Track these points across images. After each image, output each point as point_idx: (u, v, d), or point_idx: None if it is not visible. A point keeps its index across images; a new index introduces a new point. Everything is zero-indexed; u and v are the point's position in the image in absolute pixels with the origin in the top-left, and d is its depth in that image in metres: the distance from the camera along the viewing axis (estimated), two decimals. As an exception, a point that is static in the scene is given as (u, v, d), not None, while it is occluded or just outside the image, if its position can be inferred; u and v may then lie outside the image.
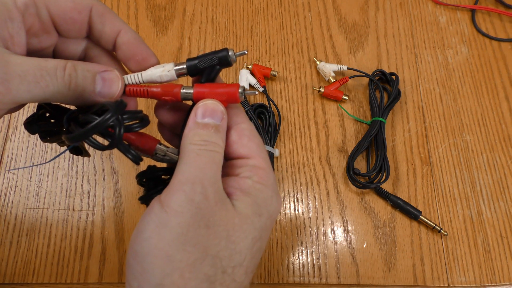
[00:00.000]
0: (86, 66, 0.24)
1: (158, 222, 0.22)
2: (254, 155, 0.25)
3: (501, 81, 0.55)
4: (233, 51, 0.25)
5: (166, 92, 0.26)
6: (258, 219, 0.24)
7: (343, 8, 0.59)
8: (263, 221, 0.24)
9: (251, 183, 0.24)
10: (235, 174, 0.25)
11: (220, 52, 0.25)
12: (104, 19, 0.26)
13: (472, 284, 0.45)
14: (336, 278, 0.45)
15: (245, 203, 0.24)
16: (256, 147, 0.26)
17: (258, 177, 0.25)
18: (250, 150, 0.25)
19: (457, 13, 0.59)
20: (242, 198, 0.24)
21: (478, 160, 0.50)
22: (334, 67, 0.53)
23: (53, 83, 0.22)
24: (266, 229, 0.24)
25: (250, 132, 0.26)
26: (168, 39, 0.55)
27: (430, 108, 0.53)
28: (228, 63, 0.26)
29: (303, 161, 0.50)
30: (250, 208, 0.24)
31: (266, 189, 0.25)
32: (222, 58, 0.25)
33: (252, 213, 0.24)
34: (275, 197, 0.25)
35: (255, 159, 0.25)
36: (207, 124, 0.24)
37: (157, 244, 0.21)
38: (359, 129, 0.52)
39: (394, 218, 0.47)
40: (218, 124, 0.24)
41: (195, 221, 0.21)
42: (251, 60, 0.55)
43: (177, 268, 0.21)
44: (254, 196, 0.24)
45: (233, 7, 0.58)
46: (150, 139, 0.27)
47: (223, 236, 0.22)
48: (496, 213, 0.48)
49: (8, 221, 0.46)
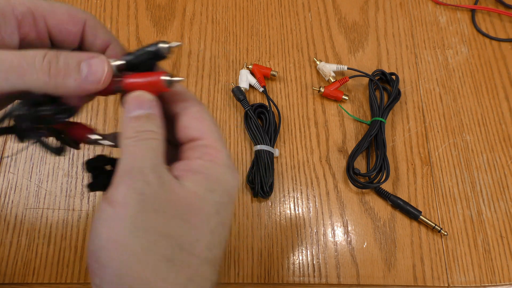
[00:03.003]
0: (70, 54, 0.24)
1: (107, 217, 0.22)
2: (204, 135, 0.26)
3: (501, 81, 0.55)
4: (167, 43, 0.25)
5: None
6: (211, 195, 0.24)
7: (343, 8, 0.59)
8: (217, 196, 0.24)
9: (201, 162, 0.25)
10: (187, 157, 0.25)
11: (152, 46, 0.25)
12: (96, 32, 0.27)
13: (472, 284, 0.45)
14: (336, 278, 0.45)
15: (195, 182, 0.24)
16: (206, 128, 0.26)
17: (208, 156, 0.25)
18: (200, 131, 0.26)
19: (457, 13, 0.59)
20: (191, 177, 0.24)
21: (478, 160, 0.50)
22: (334, 67, 0.53)
23: (31, 71, 0.23)
24: (223, 204, 0.25)
25: (199, 114, 0.26)
26: (168, 39, 0.55)
27: (430, 108, 0.53)
28: (162, 56, 0.25)
29: (303, 161, 0.50)
30: (201, 186, 0.24)
31: (216, 166, 0.25)
32: (155, 51, 0.25)
33: (204, 190, 0.24)
34: (229, 173, 0.25)
35: (205, 139, 0.26)
36: (138, 116, 0.24)
37: (109, 238, 0.22)
38: (359, 129, 0.52)
39: (394, 218, 0.47)
40: (148, 112, 0.25)
41: (142, 208, 0.22)
42: (251, 60, 0.55)
43: (132, 255, 0.22)
44: (204, 174, 0.24)
45: (233, 7, 0.58)
46: (80, 129, 0.27)
47: (175, 215, 0.23)
48: (496, 213, 0.48)
49: (8, 221, 0.46)
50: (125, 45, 0.55)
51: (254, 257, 0.45)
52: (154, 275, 0.22)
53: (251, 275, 0.44)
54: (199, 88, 0.53)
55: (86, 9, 0.57)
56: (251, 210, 0.47)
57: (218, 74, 0.54)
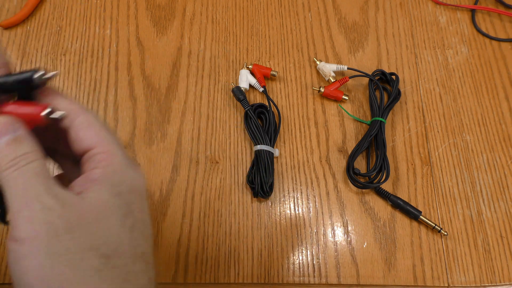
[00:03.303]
0: None
1: (21, 256, 0.21)
2: (96, 144, 0.25)
3: (501, 81, 0.55)
4: (41, 73, 0.24)
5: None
6: (118, 198, 0.24)
7: (343, 8, 0.59)
8: (125, 196, 0.24)
9: (98, 170, 0.24)
10: (85, 170, 0.25)
11: (25, 73, 0.24)
12: None
13: (472, 284, 0.45)
14: (336, 278, 0.45)
15: (97, 191, 0.24)
16: (95, 135, 0.25)
17: (104, 162, 0.24)
18: (90, 140, 0.25)
19: (457, 13, 0.59)
20: (92, 188, 0.24)
21: (478, 160, 0.50)
22: (334, 67, 0.53)
23: None
24: (133, 203, 0.25)
25: (87, 124, 0.25)
26: (168, 39, 0.55)
27: (430, 108, 0.53)
28: (36, 85, 0.24)
29: (303, 161, 0.50)
30: (105, 192, 0.24)
31: (115, 170, 0.25)
32: (25, 79, 0.24)
33: (109, 196, 0.24)
34: (129, 170, 0.25)
35: (98, 147, 0.25)
36: (6, 142, 0.23)
37: (32, 277, 0.21)
38: (359, 129, 0.52)
39: (394, 218, 0.47)
40: (16, 135, 0.23)
41: (52, 235, 0.21)
42: (251, 60, 0.55)
43: (62, 281, 0.21)
44: (105, 180, 0.24)
45: (233, 7, 0.58)
46: None
47: (88, 228, 0.22)
48: (496, 213, 0.48)
49: (8, 221, 0.46)
50: (125, 45, 0.55)
51: (254, 257, 0.45)
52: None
53: (251, 275, 0.44)
54: (199, 88, 0.53)
55: (86, 9, 0.57)
56: (251, 210, 0.47)
57: (218, 74, 0.54)
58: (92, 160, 0.25)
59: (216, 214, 0.47)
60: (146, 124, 0.51)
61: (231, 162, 0.49)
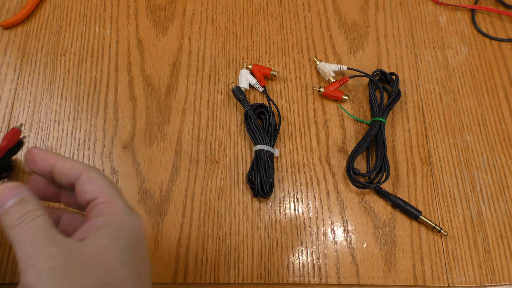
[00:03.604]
0: None
1: None
2: (99, 194, 0.28)
3: (501, 81, 0.55)
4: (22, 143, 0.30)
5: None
6: (117, 242, 0.26)
7: (343, 8, 0.59)
8: (125, 240, 0.27)
9: (100, 218, 0.27)
10: (88, 218, 0.28)
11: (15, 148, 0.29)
12: None
13: (472, 284, 0.45)
14: (336, 278, 0.45)
15: (98, 237, 0.26)
16: (98, 187, 0.28)
17: (106, 210, 0.27)
18: (94, 192, 0.28)
19: (457, 13, 0.59)
20: (94, 233, 0.26)
21: (478, 160, 0.50)
22: (334, 67, 0.53)
23: None
24: (133, 245, 0.27)
25: (90, 178, 0.29)
26: (168, 39, 0.55)
27: (430, 108, 0.53)
28: None
29: (303, 161, 0.50)
30: (106, 237, 0.26)
31: (115, 216, 0.27)
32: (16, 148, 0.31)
33: (110, 241, 0.26)
34: (127, 217, 0.28)
35: (100, 197, 0.28)
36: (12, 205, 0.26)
37: None
38: (359, 129, 0.52)
39: (394, 218, 0.47)
40: (21, 197, 0.26)
41: (57, 280, 0.23)
42: (251, 60, 0.55)
43: None
44: (105, 227, 0.27)
45: (233, 7, 0.58)
46: None
47: (91, 271, 0.24)
48: (496, 213, 0.48)
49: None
50: (125, 45, 0.55)
51: (254, 257, 0.45)
52: None
53: (251, 275, 0.44)
54: (199, 88, 0.53)
55: (86, 9, 0.57)
56: (251, 210, 0.47)
57: (218, 74, 0.54)
58: (95, 209, 0.28)
59: (216, 214, 0.47)
60: (146, 124, 0.51)
61: (231, 162, 0.49)
